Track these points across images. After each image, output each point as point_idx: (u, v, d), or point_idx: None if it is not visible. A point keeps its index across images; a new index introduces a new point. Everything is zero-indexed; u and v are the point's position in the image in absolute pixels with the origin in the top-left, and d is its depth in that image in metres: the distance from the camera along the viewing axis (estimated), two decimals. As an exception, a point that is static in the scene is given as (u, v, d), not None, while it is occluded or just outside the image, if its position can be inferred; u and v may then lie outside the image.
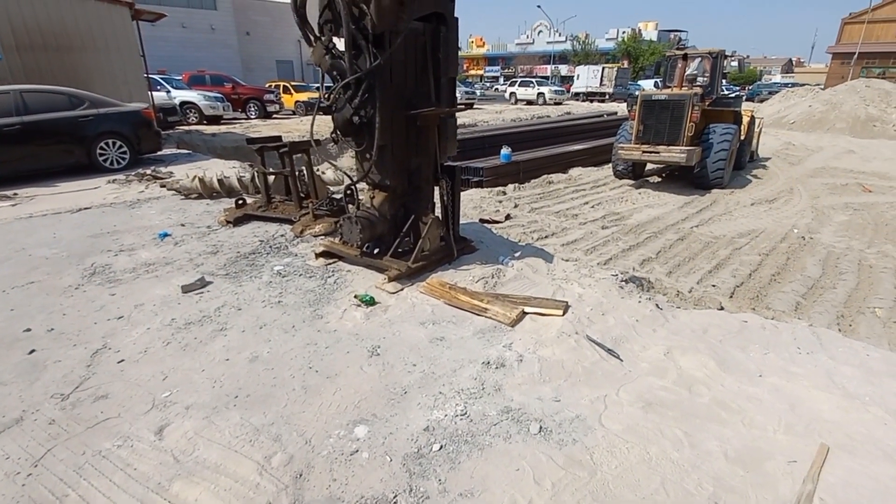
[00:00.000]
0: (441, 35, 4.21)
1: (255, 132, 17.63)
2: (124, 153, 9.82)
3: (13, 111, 8.64)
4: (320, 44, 3.95)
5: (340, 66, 3.89)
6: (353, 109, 3.94)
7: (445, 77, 4.37)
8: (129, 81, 12.07)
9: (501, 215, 10.14)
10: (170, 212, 6.72)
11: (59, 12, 11.00)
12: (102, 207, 7.04)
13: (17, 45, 10.64)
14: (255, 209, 6.08)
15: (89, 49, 11.45)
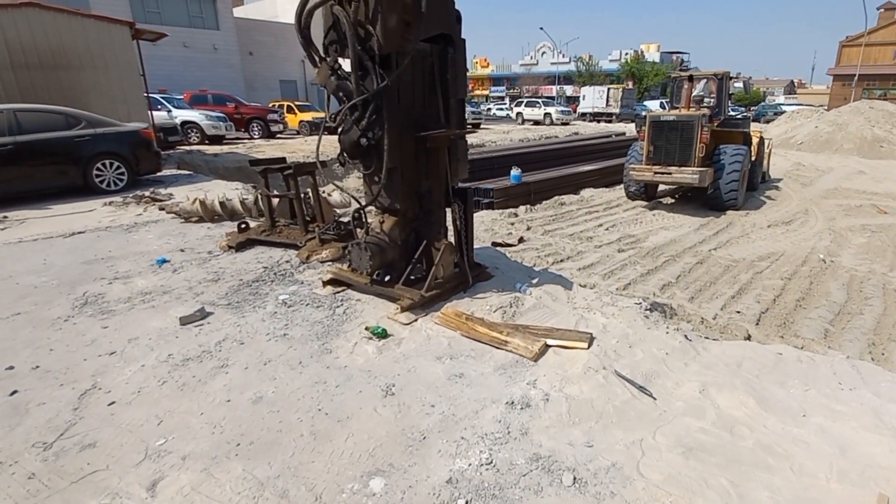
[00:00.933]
0: (449, 56, 4.13)
1: (259, 152, 17.59)
2: (122, 174, 9.69)
3: (6, 131, 8.54)
4: (325, 65, 3.83)
5: (346, 87, 3.78)
6: (361, 131, 3.82)
7: (454, 98, 4.27)
8: (128, 100, 12.01)
9: (514, 238, 9.99)
10: (169, 236, 6.54)
11: (56, 31, 10.98)
12: (97, 231, 6.87)
13: (12, 63, 10.59)
14: (258, 233, 5.90)
15: (87, 68, 11.41)
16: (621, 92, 39.21)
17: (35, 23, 10.81)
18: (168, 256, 5.61)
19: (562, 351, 3.57)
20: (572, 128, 30.16)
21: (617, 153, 19.61)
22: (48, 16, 11.00)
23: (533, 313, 4.15)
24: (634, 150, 13.33)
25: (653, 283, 6.94)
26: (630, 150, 13.62)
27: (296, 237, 5.72)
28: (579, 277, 6.54)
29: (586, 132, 28.33)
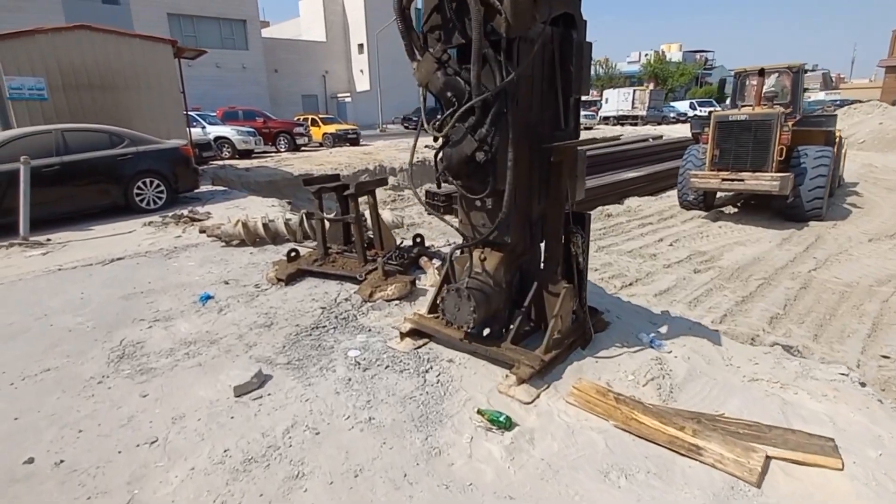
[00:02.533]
0: (574, 42, 3.06)
1: (287, 165, 16.66)
2: (161, 192, 8.78)
3: (53, 151, 7.66)
4: (430, 56, 2.81)
5: (457, 84, 2.76)
6: (477, 142, 2.75)
7: (576, 96, 3.23)
8: (168, 118, 11.10)
9: None
10: (210, 263, 5.61)
11: (105, 52, 10.13)
12: (137, 257, 5.95)
13: (63, 86, 9.74)
14: (310, 263, 4.93)
15: (132, 87, 10.52)
16: (648, 94, 37.06)
17: (86, 44, 9.98)
18: (212, 291, 4.66)
19: (793, 469, 2.30)
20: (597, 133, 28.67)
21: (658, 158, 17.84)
22: (98, 37, 10.18)
23: (695, 388, 2.97)
24: (692, 155, 11.43)
25: (756, 315, 5.70)
26: (686, 155, 11.73)
27: (353, 268, 4.75)
28: (659, 305, 5.48)
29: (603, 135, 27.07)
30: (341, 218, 5.08)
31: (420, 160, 18.76)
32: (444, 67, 2.77)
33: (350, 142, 25.01)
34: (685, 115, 39.27)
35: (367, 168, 16.86)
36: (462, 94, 2.72)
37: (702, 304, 6.20)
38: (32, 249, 6.49)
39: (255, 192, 13.92)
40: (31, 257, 6.22)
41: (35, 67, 9.38)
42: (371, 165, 17.14)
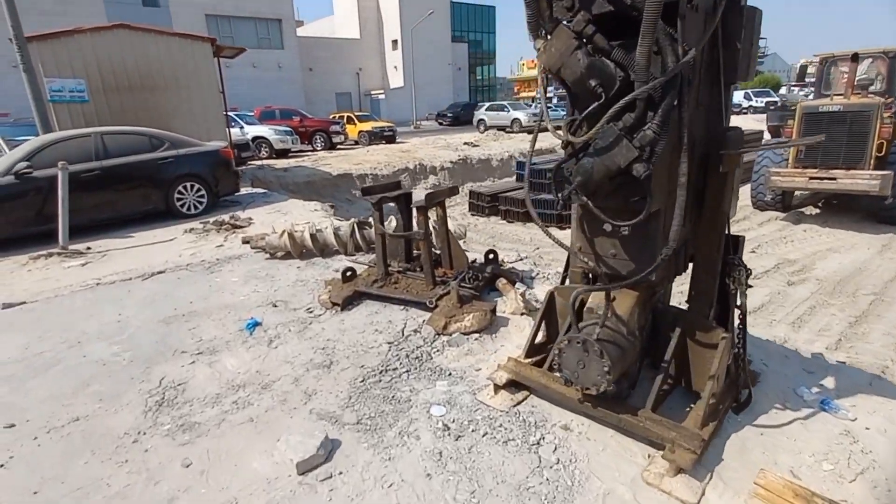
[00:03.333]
0: (744, 12, 2.30)
1: (325, 165, 16.26)
2: (202, 197, 8.38)
3: (93, 155, 7.32)
4: (564, 31, 2.01)
5: (605, 69, 2.01)
6: (639, 149, 1.97)
7: (738, 82, 2.50)
8: (208, 119, 10.75)
9: None
10: (255, 280, 5.08)
11: (145, 52, 9.80)
12: (177, 271, 5.48)
13: (104, 87, 9.45)
14: (368, 284, 4.32)
15: (172, 88, 10.18)
16: None
17: (125, 44, 9.64)
18: (259, 316, 4.11)
19: None
20: None
21: None
22: (137, 37, 9.82)
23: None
24: (770, 150, 10.38)
25: (878, 340, 4.82)
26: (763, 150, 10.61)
27: (420, 292, 4.11)
28: (758, 327, 4.67)
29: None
30: (407, 234, 4.44)
31: (461, 158, 18.13)
32: (585, 45, 2.00)
33: (386, 139, 24.54)
34: (739, 105, 37.35)
35: (406, 167, 16.31)
36: (612, 81, 1.98)
37: (808, 326, 5.35)
38: (72, 260, 6.12)
39: (293, 193, 13.55)
40: (69, 268, 5.84)
41: (75, 69, 9.10)
42: (411, 164, 16.58)
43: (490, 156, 18.83)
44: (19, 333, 4.00)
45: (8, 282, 5.38)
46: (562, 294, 2.91)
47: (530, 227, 12.03)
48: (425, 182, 16.56)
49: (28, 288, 5.11)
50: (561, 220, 11.75)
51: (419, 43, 40.55)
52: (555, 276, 4.97)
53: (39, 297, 4.80)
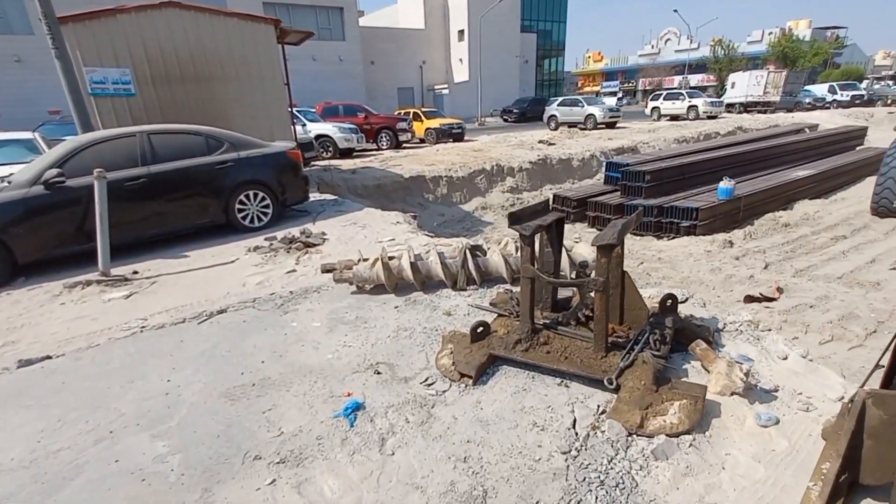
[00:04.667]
0: None
1: (395, 166, 15.38)
2: (266, 207, 7.56)
3: (139, 159, 6.62)
4: None
5: None
6: None
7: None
8: (271, 115, 10.05)
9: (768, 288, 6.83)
10: (343, 326, 4.03)
11: (198, 35, 9.03)
12: (243, 309, 4.54)
13: (152, 77, 8.77)
14: (508, 346, 3.11)
15: (230, 78, 9.48)
16: (784, 76, 32.49)
17: (176, 26, 8.85)
18: (360, 394, 3.02)
19: None
20: (724, 122, 24.99)
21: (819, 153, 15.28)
22: (189, 17, 8.96)
23: None
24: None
25: None
26: (893, 147, 9.53)
27: (587, 360, 2.86)
28: None
29: (752, 126, 23.36)
30: (579, 282, 3.16)
31: (540, 158, 16.74)
32: None
33: (454, 137, 23.56)
34: (823, 99, 35.15)
35: (483, 168, 15.13)
36: None
37: None
38: (113, 289, 5.37)
39: (362, 198, 12.72)
40: (110, 301, 5.07)
41: (119, 56, 8.42)
42: (487, 165, 15.38)
43: (570, 155, 17.32)
44: (34, 410, 3.12)
45: (35, 320, 4.64)
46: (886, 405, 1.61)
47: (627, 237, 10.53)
48: (502, 185, 15.31)
49: (56, 332, 4.32)
50: (659, 230, 10.20)
51: (487, 33, 39.48)
52: (733, 325, 3.58)
53: (68, 349, 3.97)
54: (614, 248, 2.74)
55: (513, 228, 3.02)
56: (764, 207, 10.88)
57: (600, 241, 2.68)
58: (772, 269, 7.89)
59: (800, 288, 7.04)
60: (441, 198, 13.82)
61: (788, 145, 14.73)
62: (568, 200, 11.94)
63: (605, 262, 2.69)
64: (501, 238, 5.03)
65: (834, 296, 6.31)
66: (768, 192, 11.11)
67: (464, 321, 3.93)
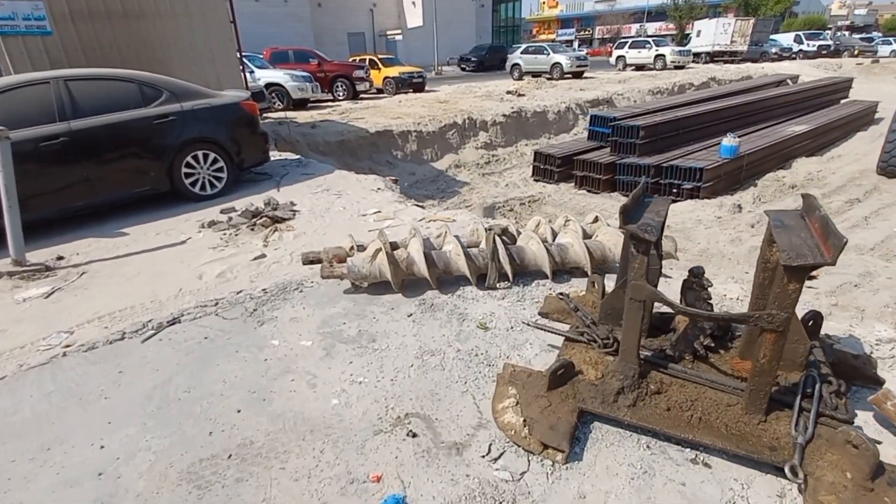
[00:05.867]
0: None
1: (357, 119, 13.84)
2: (220, 170, 6.20)
3: (56, 113, 5.10)
4: None
5: None
6: None
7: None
8: (216, 60, 8.39)
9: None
10: (344, 345, 2.97)
11: None
12: (202, 317, 3.38)
13: (71, 13, 6.95)
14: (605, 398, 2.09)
15: (166, 15, 7.72)
16: (752, 24, 31.56)
17: None
18: (397, 485, 2.02)
19: None
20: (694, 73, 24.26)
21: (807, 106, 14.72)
22: None
23: None
24: None
25: None
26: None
27: (739, 428, 1.93)
28: None
29: (725, 77, 22.80)
30: (753, 316, 2.09)
31: (514, 111, 15.56)
32: None
33: (414, 87, 21.89)
34: (790, 49, 34.51)
35: (455, 122, 13.86)
36: None
37: None
38: (30, 284, 4.05)
39: (324, 155, 11.32)
40: (25, 301, 3.77)
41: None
42: (459, 119, 14.11)
43: (545, 108, 16.24)
44: None
45: None
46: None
47: (616, 199, 9.81)
48: (475, 140, 14.14)
49: (-62, 363, 3.05)
50: (657, 192, 9.49)
51: (443, -28, 36.86)
52: (873, 344, 2.82)
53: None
54: (809, 270, 1.78)
55: (627, 230, 2.01)
56: (763, 166, 10.27)
57: (796, 263, 1.70)
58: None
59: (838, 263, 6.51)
60: (411, 155, 12.54)
61: (779, 98, 14.11)
62: (551, 158, 10.97)
63: (794, 290, 1.73)
64: (537, 218, 4.02)
65: (877, 272, 5.74)
66: (768, 150, 10.47)
67: (509, 339, 2.95)
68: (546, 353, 2.79)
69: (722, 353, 2.40)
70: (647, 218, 2.06)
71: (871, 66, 26.95)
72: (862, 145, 12.89)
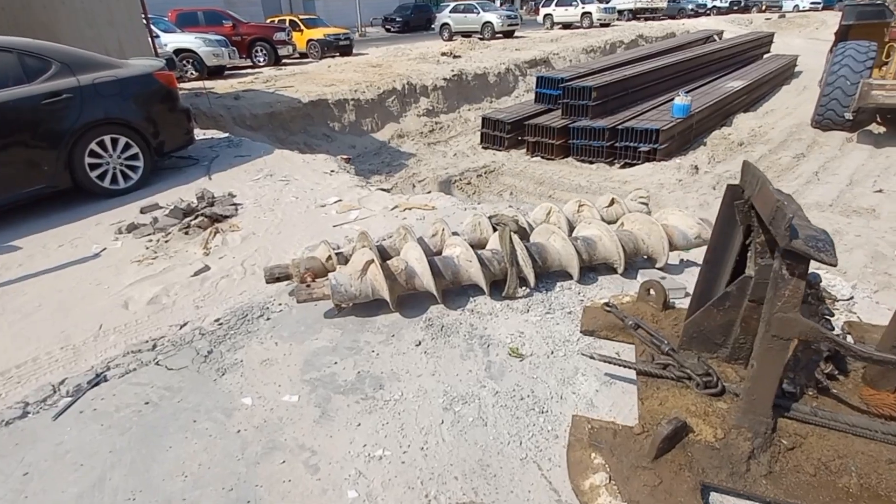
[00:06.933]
0: None
1: (286, 87, 12.43)
2: (134, 158, 5.05)
3: None
4: None
5: None
6: None
7: None
8: (115, 22, 6.90)
9: None
10: (342, 396, 2.22)
11: None
12: (136, 364, 2.49)
13: None
14: (733, 465, 1.51)
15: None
16: None
17: None
18: None
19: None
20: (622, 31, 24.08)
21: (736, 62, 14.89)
22: None
23: None
24: (848, 56, 8.73)
25: None
26: (838, 56, 8.94)
27: None
28: None
29: (651, 35, 22.82)
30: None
31: (455, 74, 14.65)
32: None
33: (341, 50, 20.27)
34: (704, 5, 35.82)
35: (393, 88, 12.80)
36: None
37: None
38: None
39: (252, 130, 10.06)
40: None
41: None
42: (397, 84, 13.05)
43: (486, 70, 15.46)
44: None
45: None
46: None
47: (573, 165, 9.41)
48: (417, 107, 13.19)
49: None
50: (612, 155, 9.19)
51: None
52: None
53: None
54: None
55: (792, 248, 1.39)
56: (708, 124, 10.16)
57: None
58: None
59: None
60: (349, 126, 11.44)
61: (714, 54, 14.10)
62: (500, 124, 10.32)
63: None
64: (546, 205, 3.36)
65: (843, 230, 5.64)
66: (713, 108, 10.35)
67: (553, 370, 2.32)
68: (607, 388, 2.20)
69: (842, 380, 1.90)
70: (807, 228, 1.46)
71: (779, 20, 28.13)
72: (789, 99, 13.22)
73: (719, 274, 2.07)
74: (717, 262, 2.05)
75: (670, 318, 2.39)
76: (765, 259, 1.81)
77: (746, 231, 1.91)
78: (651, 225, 2.94)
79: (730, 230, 1.99)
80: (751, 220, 1.82)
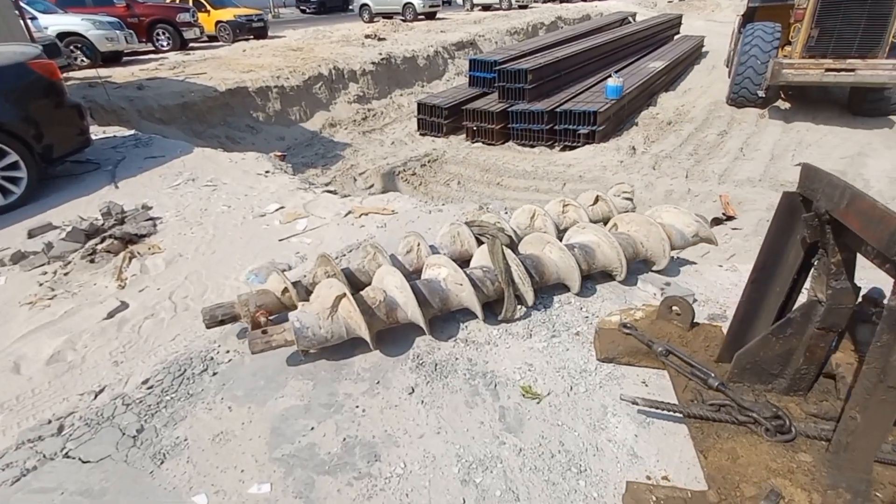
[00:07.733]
0: None
1: (197, 74, 11.17)
2: (14, 168, 4.10)
3: None
4: None
5: None
6: None
7: None
8: (-25, 0, 5.67)
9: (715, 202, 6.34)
10: (333, 477, 1.72)
11: None
12: (43, 462, 1.83)
13: None
14: None
15: None
16: None
17: None
18: None
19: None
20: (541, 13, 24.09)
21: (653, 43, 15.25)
22: None
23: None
24: (756, 37, 9.00)
25: None
26: (747, 37, 9.18)
27: None
28: None
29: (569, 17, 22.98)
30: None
31: (384, 58, 13.87)
32: None
33: (255, 33, 18.76)
34: None
35: (320, 73, 11.89)
36: None
37: None
38: None
39: (163, 124, 8.92)
40: None
41: None
42: (323, 69, 12.13)
43: (415, 53, 14.82)
44: None
45: None
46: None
47: (515, 150, 9.19)
48: (346, 93, 12.36)
49: None
50: (551, 138, 9.05)
51: None
52: None
53: None
54: None
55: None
56: (636, 104, 10.23)
57: None
58: (694, 176, 7.20)
59: (739, 198, 6.53)
60: (275, 116, 10.47)
61: (635, 35, 14.30)
62: (437, 110, 9.82)
63: None
64: (529, 208, 2.95)
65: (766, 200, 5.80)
66: (640, 88, 10.42)
67: (578, 411, 1.94)
68: (646, 431, 1.85)
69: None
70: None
71: (679, 3, 29.46)
72: (702, 77, 13.69)
73: (768, 295, 1.77)
74: (767, 280, 1.75)
75: (699, 338, 2.08)
76: (839, 282, 1.51)
77: (809, 248, 1.61)
78: (649, 226, 2.63)
79: (784, 246, 1.69)
80: (824, 236, 1.52)
